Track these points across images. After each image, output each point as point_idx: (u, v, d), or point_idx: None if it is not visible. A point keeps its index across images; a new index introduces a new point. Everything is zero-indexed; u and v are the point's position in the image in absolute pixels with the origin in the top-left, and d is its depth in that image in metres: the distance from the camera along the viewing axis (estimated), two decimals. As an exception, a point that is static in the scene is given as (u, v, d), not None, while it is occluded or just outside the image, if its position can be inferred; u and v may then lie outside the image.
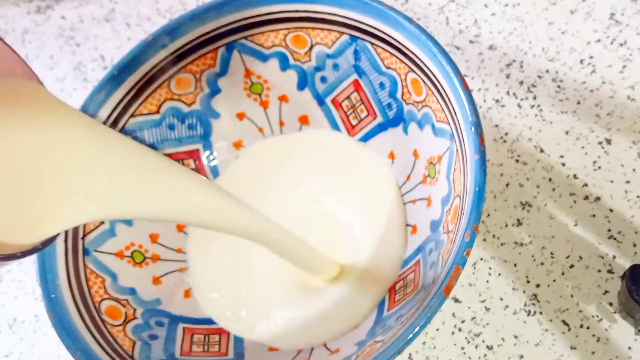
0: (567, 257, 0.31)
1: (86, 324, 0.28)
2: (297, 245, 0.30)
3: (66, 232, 0.31)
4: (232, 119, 0.37)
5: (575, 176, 0.33)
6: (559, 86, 0.35)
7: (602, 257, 0.31)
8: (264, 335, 0.32)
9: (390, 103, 0.33)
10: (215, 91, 0.36)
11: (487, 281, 0.31)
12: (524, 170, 0.33)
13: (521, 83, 0.36)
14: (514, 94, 0.35)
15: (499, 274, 0.31)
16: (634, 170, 0.32)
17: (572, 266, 0.31)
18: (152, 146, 0.35)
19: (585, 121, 0.34)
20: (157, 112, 0.35)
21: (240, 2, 0.33)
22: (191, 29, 0.33)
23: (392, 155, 0.34)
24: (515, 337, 0.30)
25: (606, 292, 0.30)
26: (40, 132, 0.20)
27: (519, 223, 0.32)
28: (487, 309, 0.31)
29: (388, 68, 0.32)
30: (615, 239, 0.31)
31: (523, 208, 0.32)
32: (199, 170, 0.37)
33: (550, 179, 0.33)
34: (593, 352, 0.29)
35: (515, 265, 0.31)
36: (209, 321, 0.33)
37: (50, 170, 0.20)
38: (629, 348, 0.29)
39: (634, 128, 0.33)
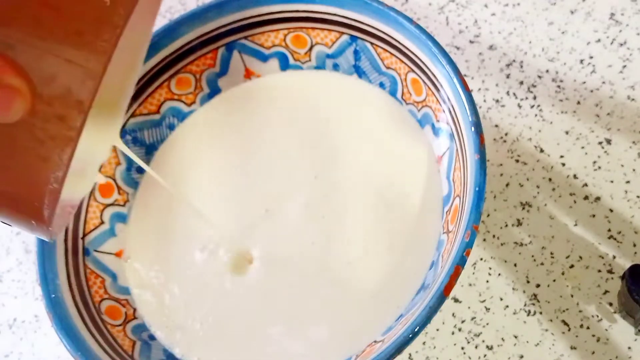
0: (567, 257, 0.31)
1: (86, 324, 0.28)
2: None
3: (66, 232, 0.31)
4: (232, 119, 0.37)
5: (575, 176, 0.33)
6: (559, 86, 0.35)
7: (602, 257, 0.31)
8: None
9: (390, 103, 0.33)
10: (215, 91, 0.36)
11: (487, 281, 0.31)
12: (524, 170, 0.33)
13: (521, 83, 0.36)
14: (514, 94, 0.35)
15: (499, 274, 0.31)
16: (634, 170, 0.32)
17: (572, 266, 0.31)
18: (152, 146, 0.35)
19: (585, 121, 0.34)
20: (157, 112, 0.35)
21: (240, 2, 0.33)
22: (191, 29, 0.33)
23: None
24: (515, 337, 0.30)
25: (606, 292, 0.30)
26: None
27: (519, 223, 0.32)
28: (487, 309, 0.31)
29: (388, 68, 0.32)
30: (615, 239, 0.31)
31: (523, 208, 0.32)
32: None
33: (550, 179, 0.33)
34: (593, 352, 0.29)
35: (515, 265, 0.31)
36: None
37: None
38: (629, 348, 0.29)
39: (634, 128, 0.33)
